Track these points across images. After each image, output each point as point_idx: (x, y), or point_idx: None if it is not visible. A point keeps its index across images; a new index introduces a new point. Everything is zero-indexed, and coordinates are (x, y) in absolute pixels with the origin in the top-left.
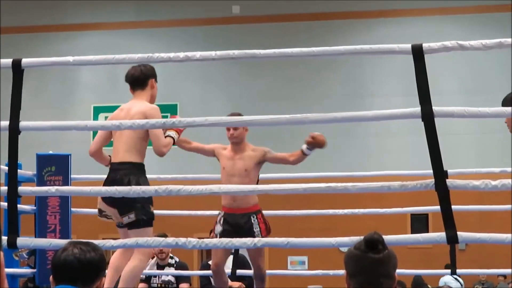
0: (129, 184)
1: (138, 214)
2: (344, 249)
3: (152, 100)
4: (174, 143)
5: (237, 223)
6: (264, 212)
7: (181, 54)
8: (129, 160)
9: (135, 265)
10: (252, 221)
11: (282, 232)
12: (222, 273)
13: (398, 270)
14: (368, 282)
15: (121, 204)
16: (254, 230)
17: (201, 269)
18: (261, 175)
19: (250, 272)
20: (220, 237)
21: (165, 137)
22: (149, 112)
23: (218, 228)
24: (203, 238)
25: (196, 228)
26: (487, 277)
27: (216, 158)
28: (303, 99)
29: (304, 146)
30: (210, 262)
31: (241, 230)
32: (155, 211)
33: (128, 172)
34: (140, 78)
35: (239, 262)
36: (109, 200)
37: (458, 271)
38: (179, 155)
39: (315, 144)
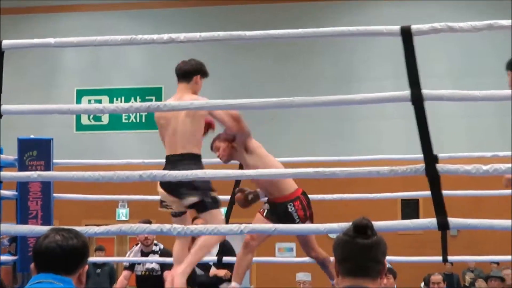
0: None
1: (200, 196)
2: (333, 236)
3: (196, 94)
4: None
5: (277, 211)
6: None
7: (165, 36)
8: (188, 151)
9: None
10: (290, 210)
11: None
12: (250, 252)
13: (388, 257)
14: (357, 267)
15: (180, 189)
16: (294, 218)
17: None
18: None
19: (235, 259)
20: (266, 214)
21: None
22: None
23: (266, 206)
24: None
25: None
26: (476, 264)
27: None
28: (290, 82)
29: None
30: None
31: (282, 218)
32: (142, 196)
33: (187, 162)
34: (186, 72)
35: (225, 248)
36: (169, 189)
37: (450, 258)
38: None
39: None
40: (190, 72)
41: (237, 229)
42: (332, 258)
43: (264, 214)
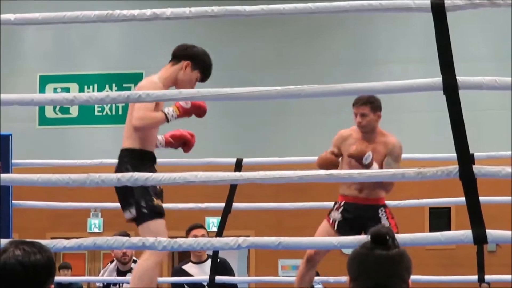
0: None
1: (137, 207)
2: (348, 251)
3: (177, 83)
4: (167, 121)
5: (361, 216)
6: (250, 205)
7: (148, 11)
8: (126, 146)
9: (146, 265)
10: (380, 215)
11: (272, 230)
12: (313, 267)
13: (413, 277)
14: (375, 285)
15: (120, 198)
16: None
17: (173, 275)
18: (245, 160)
19: (232, 279)
20: (337, 225)
21: (161, 111)
22: (140, 85)
23: (337, 216)
24: (175, 237)
25: (167, 225)
26: None
27: None
28: (298, 67)
29: None
30: (184, 267)
31: (366, 225)
32: (117, 204)
33: (126, 160)
34: (176, 53)
35: (219, 267)
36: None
37: (487, 277)
38: None
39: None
40: (180, 54)
41: (233, 243)
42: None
43: (336, 226)
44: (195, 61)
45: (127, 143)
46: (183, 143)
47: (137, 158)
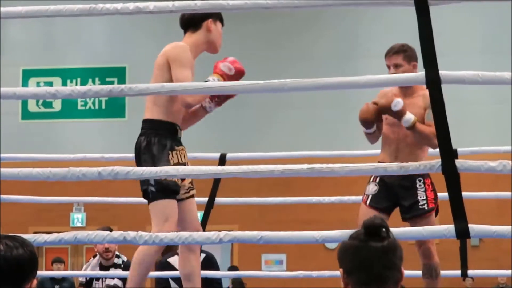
0: (147, 147)
1: (144, 184)
2: (331, 246)
3: (209, 48)
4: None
5: (396, 186)
6: (233, 200)
7: (131, 5)
8: (149, 117)
9: (146, 250)
10: (417, 185)
11: (254, 224)
12: None
13: None
14: (371, 277)
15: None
16: (419, 198)
17: (156, 269)
18: (229, 154)
19: (219, 273)
20: (371, 199)
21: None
22: (169, 51)
23: (372, 188)
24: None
25: (149, 219)
26: (507, 280)
27: None
28: (281, 61)
29: None
30: (169, 260)
31: (400, 197)
32: (101, 198)
33: (145, 132)
34: (191, 19)
35: (205, 262)
36: None
37: (470, 272)
38: (128, 126)
39: None
40: (195, 18)
41: (215, 237)
42: (327, 272)
43: (368, 201)
44: (211, 15)
45: (150, 114)
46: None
47: (161, 129)
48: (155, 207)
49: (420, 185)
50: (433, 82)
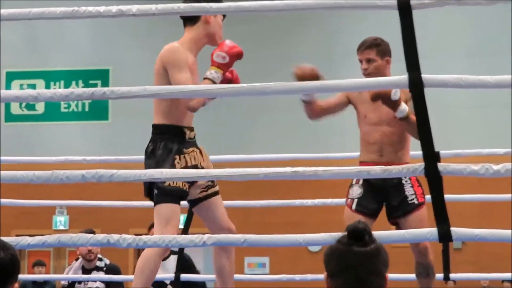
0: (152, 152)
1: (150, 187)
2: (314, 249)
3: (210, 41)
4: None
5: (383, 185)
6: None
7: (114, 8)
8: (155, 122)
9: (148, 255)
10: (404, 182)
11: (238, 227)
12: None
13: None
14: (354, 281)
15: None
16: (407, 194)
17: None
18: (211, 157)
19: (198, 277)
20: (357, 203)
21: (204, 79)
22: (163, 56)
23: (356, 191)
24: (140, 234)
25: (132, 222)
26: (490, 283)
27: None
28: (264, 63)
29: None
30: None
31: (388, 196)
32: (84, 202)
33: (153, 137)
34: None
35: (184, 264)
36: None
37: (452, 275)
38: (111, 128)
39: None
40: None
41: (199, 240)
42: (310, 276)
43: (354, 206)
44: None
45: (156, 119)
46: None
47: (170, 134)
48: (158, 211)
49: (406, 181)
50: (416, 85)
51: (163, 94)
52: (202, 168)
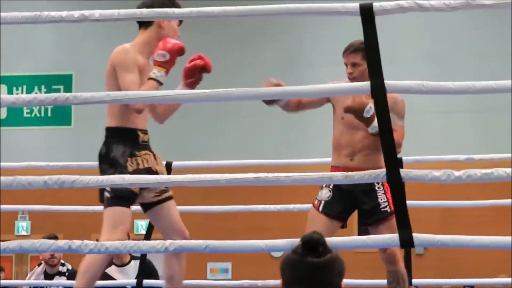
0: (106, 155)
1: (102, 190)
2: (277, 254)
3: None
4: (161, 84)
5: (353, 190)
6: (180, 208)
7: (76, 13)
8: (108, 125)
9: (92, 258)
10: (377, 188)
11: (201, 233)
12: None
13: (344, 280)
14: None
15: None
16: (380, 201)
17: (102, 279)
18: (175, 163)
19: (159, 282)
20: (324, 205)
21: (148, 79)
22: (113, 57)
23: (325, 194)
24: None
25: (94, 228)
26: None
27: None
28: (227, 70)
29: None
30: (107, 270)
31: (360, 201)
32: (47, 207)
33: (106, 140)
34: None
35: (145, 269)
36: None
37: (414, 280)
38: (74, 134)
39: None
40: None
41: (160, 246)
42: (272, 281)
43: (321, 207)
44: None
45: (108, 121)
46: (202, 69)
47: (120, 136)
48: (107, 213)
49: (379, 187)
50: (378, 91)
51: (126, 100)
52: (156, 171)
